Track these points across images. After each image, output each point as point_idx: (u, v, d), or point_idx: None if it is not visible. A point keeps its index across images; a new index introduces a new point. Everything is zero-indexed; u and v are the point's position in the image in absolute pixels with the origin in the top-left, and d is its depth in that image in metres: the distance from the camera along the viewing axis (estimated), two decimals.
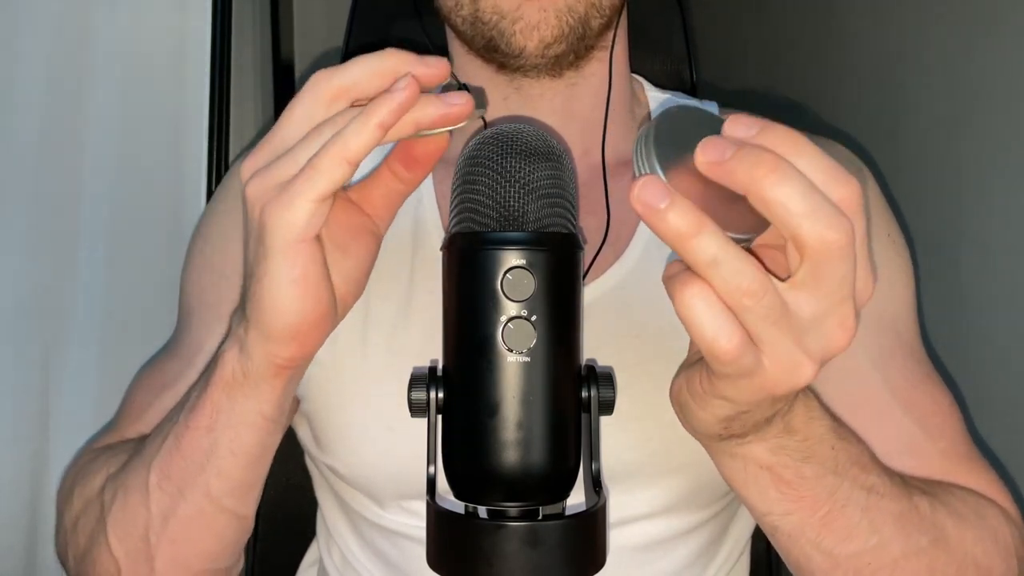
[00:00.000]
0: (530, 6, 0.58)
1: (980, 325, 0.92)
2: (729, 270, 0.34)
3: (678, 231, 0.34)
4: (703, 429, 0.43)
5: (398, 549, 0.64)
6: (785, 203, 0.34)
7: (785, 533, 0.48)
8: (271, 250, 0.42)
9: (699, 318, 0.35)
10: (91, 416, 0.85)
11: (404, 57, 0.42)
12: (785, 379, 0.37)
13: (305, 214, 0.40)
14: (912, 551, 0.51)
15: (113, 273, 0.90)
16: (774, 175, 0.33)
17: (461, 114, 0.41)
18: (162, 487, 0.53)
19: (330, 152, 0.40)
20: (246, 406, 0.49)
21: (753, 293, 0.34)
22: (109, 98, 0.90)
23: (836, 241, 0.34)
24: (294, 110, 0.43)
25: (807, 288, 0.35)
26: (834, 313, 0.36)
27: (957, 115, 0.96)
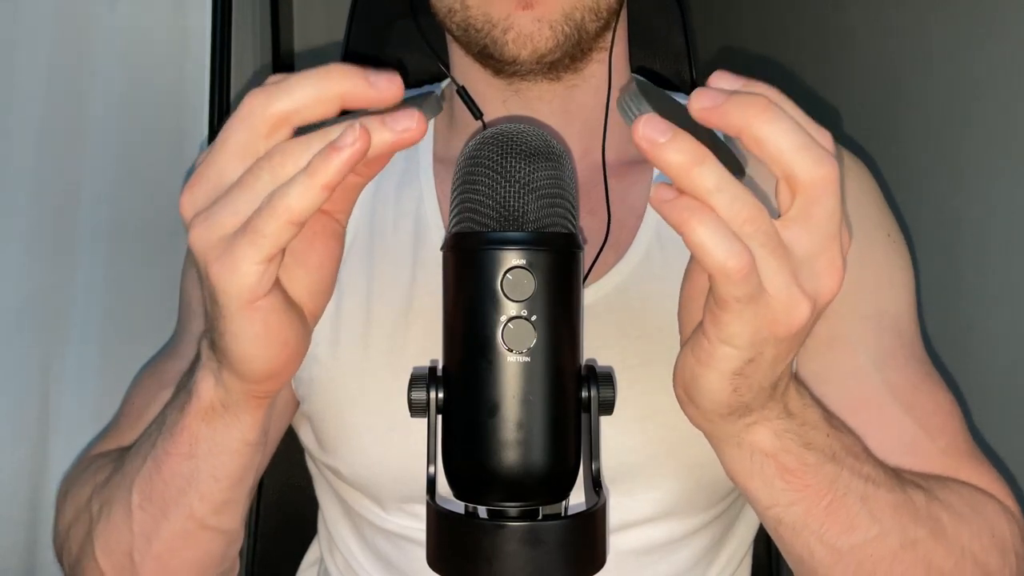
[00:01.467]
0: (523, 15, 0.57)
1: (980, 325, 0.92)
2: (730, 196, 0.36)
3: (683, 161, 0.35)
4: (712, 402, 0.42)
5: (400, 552, 0.64)
6: (778, 140, 0.36)
7: (789, 526, 0.49)
8: (227, 311, 0.40)
9: (710, 240, 0.36)
10: (91, 416, 0.85)
11: (349, 78, 0.38)
12: (785, 314, 0.38)
13: (253, 277, 0.38)
14: (910, 542, 0.51)
15: (113, 273, 0.90)
16: (766, 114, 0.36)
17: (413, 138, 0.38)
18: (144, 508, 0.52)
19: (274, 214, 0.37)
20: (228, 435, 0.49)
21: (752, 219, 0.36)
22: (109, 97, 0.90)
23: (826, 175, 0.36)
24: (229, 138, 0.39)
25: (799, 223, 0.37)
26: (824, 252, 0.38)
27: (957, 115, 0.96)
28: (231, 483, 0.51)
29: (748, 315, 0.38)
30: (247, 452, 0.50)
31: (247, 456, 0.50)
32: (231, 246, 0.38)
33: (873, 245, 0.64)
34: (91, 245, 0.89)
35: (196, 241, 0.39)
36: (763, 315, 0.38)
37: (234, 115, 0.39)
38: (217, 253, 0.38)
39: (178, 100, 0.95)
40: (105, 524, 0.55)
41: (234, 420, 0.48)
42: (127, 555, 0.54)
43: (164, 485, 0.51)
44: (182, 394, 0.51)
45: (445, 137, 0.69)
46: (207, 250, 0.39)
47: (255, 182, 0.38)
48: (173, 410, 0.51)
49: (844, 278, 0.39)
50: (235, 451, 0.49)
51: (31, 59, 0.85)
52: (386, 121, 0.37)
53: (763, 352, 0.40)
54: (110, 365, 0.88)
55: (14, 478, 0.84)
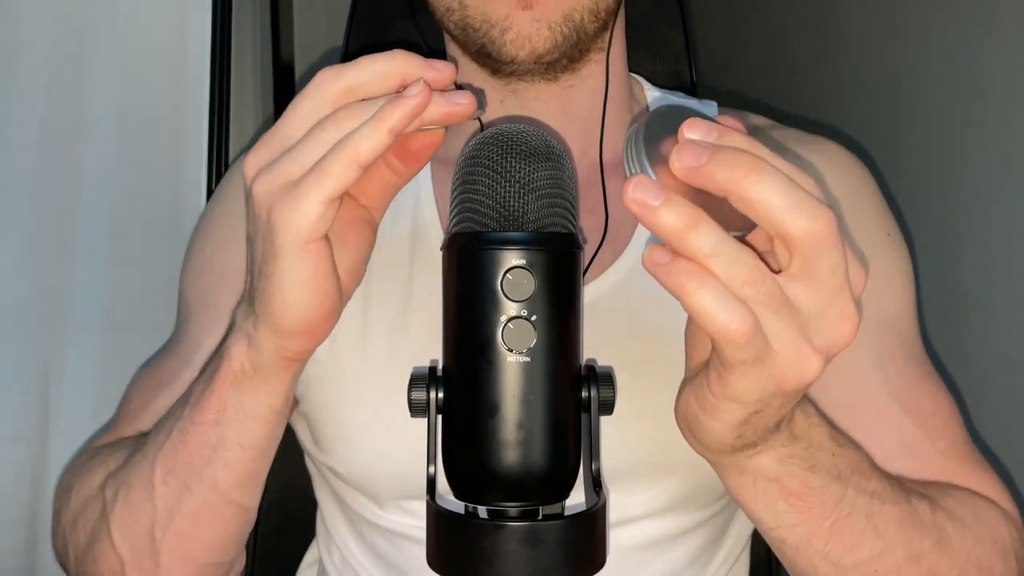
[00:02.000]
0: (521, 16, 0.57)
1: (980, 325, 0.92)
2: (728, 259, 0.35)
3: (675, 226, 0.34)
4: (715, 442, 0.43)
5: (397, 549, 0.64)
6: (767, 200, 0.34)
7: (792, 545, 0.48)
8: (281, 250, 0.42)
9: (710, 305, 0.35)
10: (91, 416, 0.85)
11: (412, 60, 0.42)
12: (793, 370, 0.37)
13: (315, 215, 0.40)
14: (915, 555, 0.50)
15: (113, 273, 0.90)
16: (753, 174, 0.34)
17: (464, 113, 0.41)
18: (167, 482, 0.53)
19: (341, 154, 0.39)
20: (255, 399, 0.50)
21: (752, 281, 0.35)
22: (109, 98, 0.90)
23: (822, 230, 0.35)
24: (299, 107, 0.42)
25: (802, 280, 0.36)
26: (833, 304, 0.36)
27: (957, 115, 0.96)
28: (255, 452, 0.52)
29: (754, 375, 0.37)
30: (272, 419, 0.51)
31: (272, 424, 0.51)
32: (296, 186, 0.40)
33: (872, 245, 0.64)
34: (91, 245, 0.89)
35: (259, 189, 0.42)
36: (769, 373, 0.37)
37: (304, 89, 0.42)
38: (281, 194, 0.41)
39: (178, 100, 0.95)
40: (124, 504, 0.55)
41: (262, 383, 0.49)
42: (147, 533, 0.54)
43: (189, 456, 0.52)
44: (211, 364, 0.52)
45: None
46: (270, 193, 0.41)
47: (321, 133, 0.41)
48: (201, 382, 0.53)
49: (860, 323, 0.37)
50: (261, 417, 0.50)
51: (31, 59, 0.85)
52: (445, 94, 0.41)
53: (770, 404, 0.39)
54: (110, 365, 0.88)
55: (14, 478, 0.84)
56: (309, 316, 0.44)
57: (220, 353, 0.51)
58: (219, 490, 0.53)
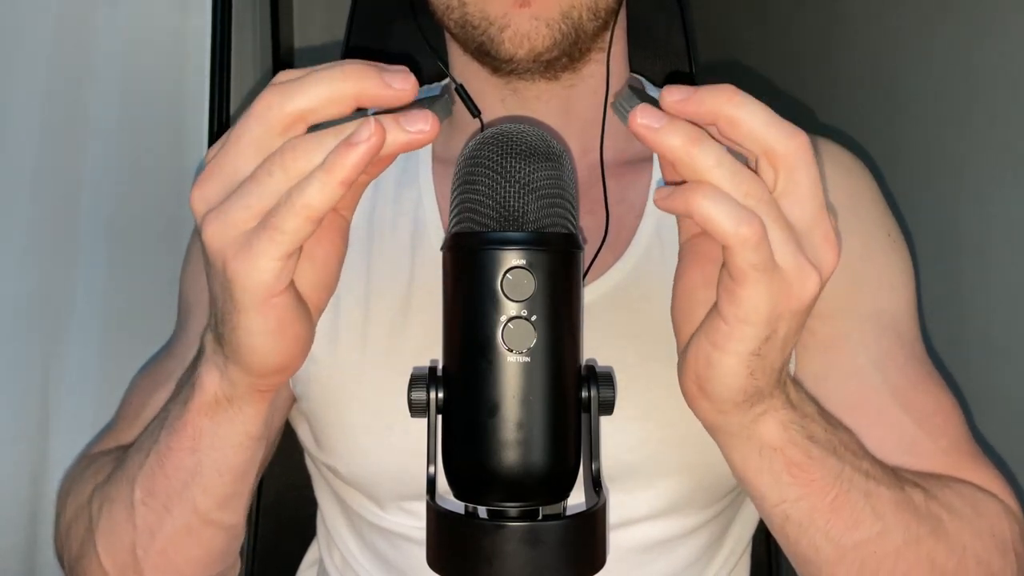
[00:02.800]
0: (520, 13, 0.57)
1: (980, 325, 0.92)
2: (730, 170, 0.38)
3: (682, 141, 0.37)
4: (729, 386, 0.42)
5: (397, 550, 0.64)
6: (751, 117, 0.38)
7: (796, 522, 0.49)
8: (241, 307, 0.40)
9: (718, 211, 0.37)
10: (91, 416, 0.85)
11: (364, 78, 0.38)
12: (798, 284, 0.39)
13: (273, 273, 0.39)
14: (913, 540, 0.51)
15: (113, 273, 0.90)
16: (736, 97, 0.38)
17: (424, 140, 0.38)
18: (147, 503, 0.53)
19: (292, 211, 0.37)
20: (231, 428, 0.49)
21: (755, 191, 0.38)
22: (109, 98, 0.89)
23: (800, 144, 0.38)
24: (243, 135, 0.39)
25: (789, 197, 0.39)
26: (818, 224, 0.40)
27: (957, 115, 0.96)
28: (234, 477, 0.51)
29: (765, 286, 0.39)
30: (250, 445, 0.50)
31: (250, 449, 0.50)
32: (249, 242, 0.38)
33: (873, 245, 0.64)
34: (91, 245, 0.88)
35: (211, 237, 0.39)
36: (778, 287, 0.39)
37: (248, 111, 0.39)
38: (235, 250, 0.39)
39: (178, 100, 0.95)
40: (107, 521, 0.55)
41: (237, 413, 0.48)
42: (130, 552, 0.54)
43: (167, 480, 0.51)
44: (185, 389, 0.51)
45: (444, 137, 0.69)
46: (224, 246, 0.39)
47: (268, 178, 0.38)
48: (176, 405, 0.51)
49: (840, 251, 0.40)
50: (238, 444, 0.50)
51: (31, 59, 0.85)
52: (400, 121, 0.38)
53: (778, 329, 0.41)
54: (110, 365, 0.88)
55: (14, 478, 0.84)
56: (279, 360, 0.44)
57: (192, 380, 0.49)
58: (199, 512, 0.52)
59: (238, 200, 0.38)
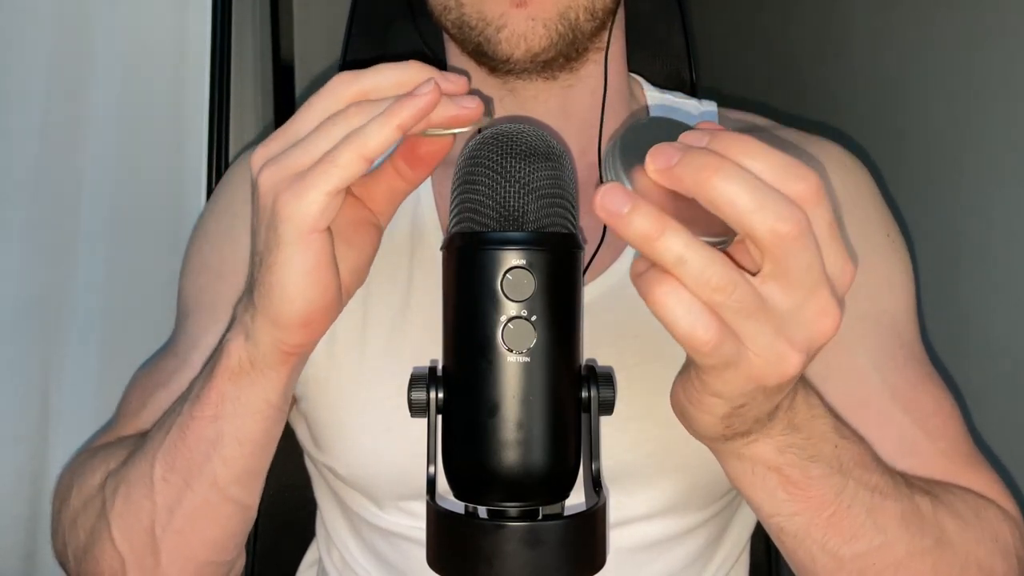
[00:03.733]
0: (517, 14, 0.57)
1: (980, 325, 0.92)
2: (696, 267, 0.35)
3: (642, 233, 0.35)
4: (707, 432, 0.43)
5: (397, 550, 0.64)
6: (732, 201, 0.34)
7: (791, 534, 0.48)
8: (284, 239, 0.42)
9: (673, 313, 0.36)
10: (91, 416, 0.85)
11: (427, 70, 0.43)
12: (772, 370, 0.37)
13: (319, 205, 0.41)
14: (917, 551, 0.51)
15: (113, 273, 0.90)
16: (717, 175, 0.34)
17: (471, 117, 0.42)
18: (167, 479, 0.53)
19: (348, 147, 0.40)
20: (252, 394, 0.50)
21: (722, 288, 0.35)
22: (109, 98, 0.90)
23: (789, 232, 0.34)
24: (312, 105, 0.43)
25: (775, 280, 0.36)
26: (810, 302, 0.36)
27: (957, 115, 0.96)
28: (254, 448, 0.52)
29: (729, 376, 0.38)
30: (270, 415, 0.51)
31: (270, 420, 0.51)
32: (303, 176, 0.41)
33: (872, 246, 0.64)
34: (91, 245, 0.89)
35: (265, 179, 0.42)
36: (747, 373, 0.37)
37: (320, 90, 0.43)
38: (287, 184, 0.41)
39: (178, 100, 0.95)
40: (124, 502, 0.55)
41: (260, 377, 0.49)
42: (148, 531, 0.54)
43: (189, 452, 0.52)
44: (207, 365, 0.52)
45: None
46: (276, 183, 0.42)
47: (331, 128, 0.41)
48: (200, 379, 0.53)
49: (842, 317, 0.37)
50: (259, 412, 0.50)
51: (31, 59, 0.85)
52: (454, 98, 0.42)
53: (754, 399, 0.40)
54: (110, 365, 0.88)
55: (14, 478, 0.84)
56: (308, 308, 0.44)
57: (219, 348, 0.51)
58: (218, 486, 0.53)
59: (298, 147, 0.42)
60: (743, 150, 0.36)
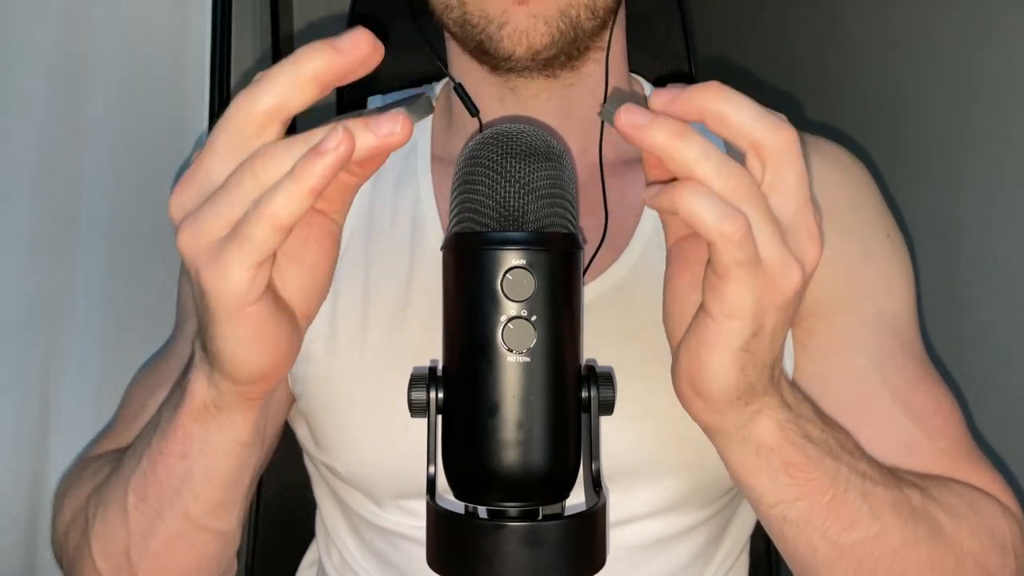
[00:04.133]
0: (518, 11, 0.57)
1: (980, 325, 0.92)
2: (716, 164, 0.38)
3: (666, 137, 0.37)
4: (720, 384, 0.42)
5: (396, 549, 0.64)
6: (738, 113, 0.38)
7: (793, 523, 0.49)
8: (216, 316, 0.40)
9: (702, 207, 0.37)
10: (91, 416, 0.85)
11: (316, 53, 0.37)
12: (782, 278, 0.39)
13: (244, 283, 0.38)
14: (911, 540, 0.51)
15: (113, 273, 0.90)
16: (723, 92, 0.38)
17: (398, 142, 0.37)
18: (139, 508, 0.53)
19: (260, 221, 0.36)
20: (220, 435, 0.49)
21: (741, 185, 0.38)
22: (109, 98, 0.89)
23: (787, 139, 0.39)
24: (217, 141, 0.38)
25: (775, 191, 0.39)
26: (802, 219, 0.40)
27: (957, 115, 0.96)
28: (225, 484, 0.51)
29: (749, 282, 0.39)
30: (241, 452, 0.50)
31: (241, 456, 0.50)
32: (220, 252, 0.38)
33: (871, 245, 0.64)
34: (91, 245, 0.88)
35: (184, 245, 0.39)
36: (762, 281, 0.39)
37: (222, 117, 0.39)
38: (206, 258, 0.38)
39: (178, 100, 0.95)
40: (102, 524, 0.55)
41: (227, 420, 0.48)
42: (124, 555, 0.54)
43: (159, 485, 0.51)
44: (176, 393, 0.51)
45: (443, 136, 0.69)
46: (196, 255, 0.39)
47: (238, 186, 0.37)
48: (168, 409, 0.51)
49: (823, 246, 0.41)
50: (228, 451, 0.49)
51: (31, 59, 0.85)
52: (369, 125, 0.37)
53: (764, 323, 0.41)
54: (110, 365, 0.88)
55: (14, 478, 0.84)
56: (259, 369, 0.43)
57: (183, 385, 0.49)
58: (190, 518, 0.52)
59: (209, 208, 0.38)
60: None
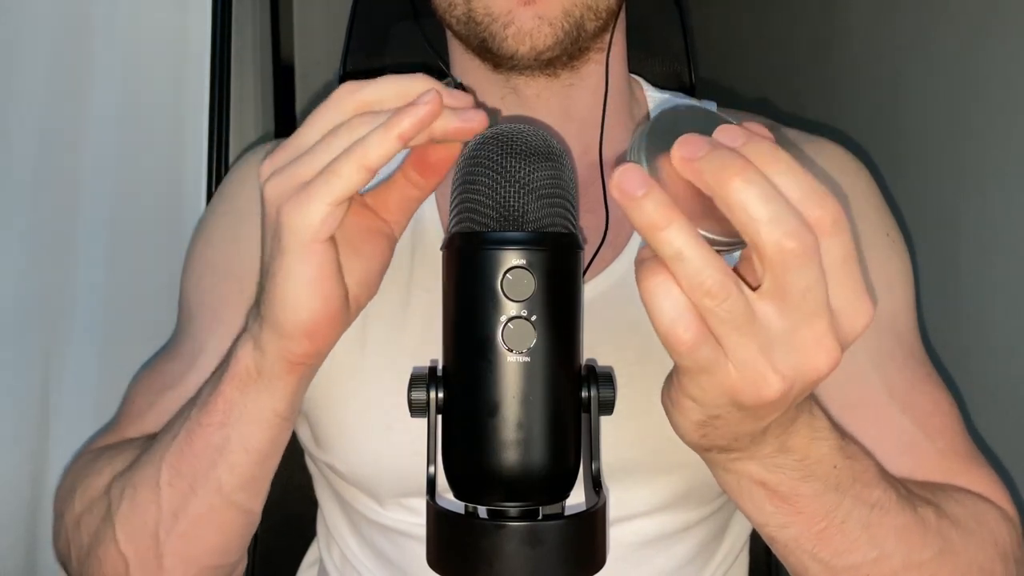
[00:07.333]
0: (523, 12, 0.57)
1: (980, 325, 0.92)
2: (693, 267, 0.34)
3: (649, 220, 0.34)
4: (684, 437, 0.43)
5: (397, 548, 0.64)
6: (745, 207, 0.34)
7: (781, 543, 0.49)
8: (286, 249, 0.43)
9: (659, 305, 0.36)
10: (91, 416, 0.85)
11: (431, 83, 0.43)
12: (749, 389, 0.37)
13: (320, 216, 0.41)
14: (914, 563, 0.50)
15: (113, 273, 0.90)
16: (738, 178, 0.34)
17: (474, 128, 0.43)
18: (173, 484, 0.54)
19: (350, 158, 0.41)
20: (260, 403, 0.50)
21: (714, 295, 0.34)
22: (109, 98, 0.89)
23: (794, 250, 0.34)
24: (316, 117, 0.44)
25: (773, 299, 0.35)
26: (805, 329, 0.36)
27: (957, 115, 0.96)
28: (259, 456, 0.52)
29: (703, 382, 0.37)
30: (277, 424, 0.51)
31: (276, 428, 0.52)
32: (306, 187, 0.42)
33: (871, 245, 0.64)
34: (91, 245, 0.88)
35: (270, 190, 0.43)
36: (722, 384, 0.37)
37: (324, 102, 0.44)
38: (290, 195, 0.42)
39: (178, 100, 0.95)
40: (129, 505, 0.56)
41: (267, 386, 0.49)
42: (152, 535, 0.55)
43: (195, 458, 0.53)
44: (215, 373, 0.53)
45: None
46: (280, 193, 0.43)
47: (334, 139, 0.42)
48: (209, 385, 0.53)
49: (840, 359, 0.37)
50: (266, 421, 0.51)
51: (31, 59, 0.85)
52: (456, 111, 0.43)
53: (727, 413, 0.39)
54: (110, 365, 0.88)
55: (14, 478, 0.84)
56: (311, 317, 0.45)
57: (228, 354, 0.51)
58: (223, 493, 0.53)
59: (302, 159, 0.43)
60: (773, 160, 0.35)
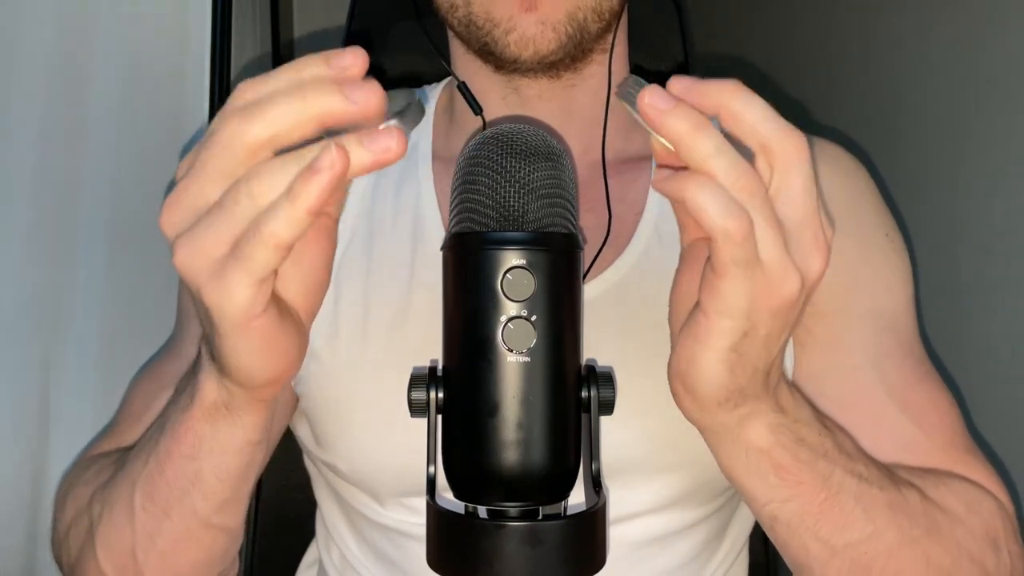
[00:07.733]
0: (526, 18, 0.57)
1: (979, 325, 0.92)
2: (728, 162, 0.38)
3: (685, 126, 0.37)
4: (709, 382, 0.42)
5: (397, 547, 0.64)
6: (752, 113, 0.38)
7: (784, 523, 0.49)
8: (222, 331, 0.40)
9: (710, 202, 0.37)
10: (91, 416, 0.85)
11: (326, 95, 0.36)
12: (779, 284, 0.39)
13: (247, 299, 0.38)
14: (907, 541, 0.51)
15: (113, 273, 0.90)
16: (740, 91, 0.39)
17: (394, 156, 0.36)
18: (146, 508, 0.53)
19: (261, 241, 0.36)
20: (231, 435, 0.49)
21: (750, 186, 0.38)
22: (109, 97, 0.89)
23: (796, 145, 0.39)
24: (207, 162, 0.38)
25: (782, 196, 0.39)
26: (808, 227, 0.39)
27: (957, 115, 0.96)
28: (234, 482, 0.51)
29: (745, 282, 0.39)
30: (250, 451, 0.50)
31: (250, 455, 0.50)
32: (222, 270, 0.38)
33: (871, 245, 0.64)
34: (91, 245, 0.88)
35: (182, 263, 0.38)
36: (758, 284, 0.39)
37: (212, 137, 0.38)
38: (207, 276, 0.38)
39: (178, 99, 0.95)
40: (107, 524, 0.55)
41: (237, 420, 0.48)
42: (130, 555, 0.54)
43: (167, 486, 0.51)
44: (184, 394, 0.51)
45: (444, 135, 0.69)
46: (196, 273, 0.38)
47: (235, 206, 0.37)
48: (175, 410, 0.51)
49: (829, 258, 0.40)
50: (238, 450, 0.50)
51: (31, 59, 0.85)
52: (364, 141, 0.36)
53: (757, 326, 0.40)
54: (110, 365, 0.88)
55: (14, 478, 0.84)
56: (270, 375, 0.43)
57: (192, 384, 0.49)
58: (198, 517, 0.52)
59: (207, 228, 0.38)
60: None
